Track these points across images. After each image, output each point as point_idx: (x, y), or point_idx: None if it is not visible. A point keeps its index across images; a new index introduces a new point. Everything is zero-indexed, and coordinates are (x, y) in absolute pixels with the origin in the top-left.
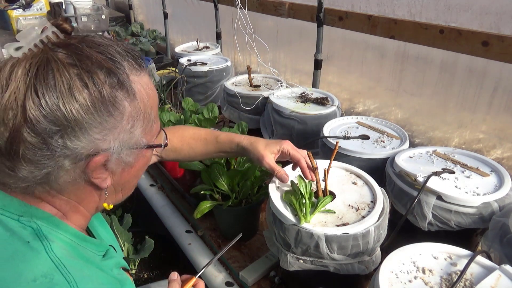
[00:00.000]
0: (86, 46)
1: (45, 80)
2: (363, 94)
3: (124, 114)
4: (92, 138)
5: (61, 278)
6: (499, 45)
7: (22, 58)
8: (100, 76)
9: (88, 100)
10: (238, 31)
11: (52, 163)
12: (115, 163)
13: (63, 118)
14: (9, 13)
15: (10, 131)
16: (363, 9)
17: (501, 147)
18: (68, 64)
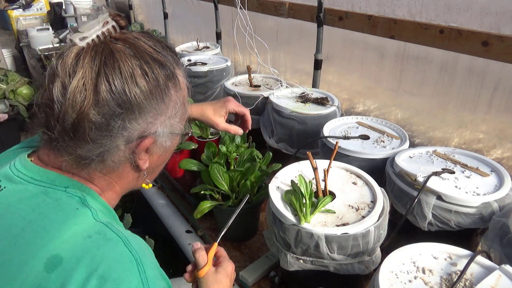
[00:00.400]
0: (140, 41)
1: (113, 68)
2: (363, 94)
3: (171, 101)
4: (146, 121)
5: (112, 234)
6: (499, 45)
7: (87, 48)
8: (156, 67)
9: (147, 87)
10: (238, 31)
11: (109, 143)
12: (157, 147)
13: (127, 102)
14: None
15: (78, 113)
16: (363, 9)
17: (501, 147)
18: (129, 55)
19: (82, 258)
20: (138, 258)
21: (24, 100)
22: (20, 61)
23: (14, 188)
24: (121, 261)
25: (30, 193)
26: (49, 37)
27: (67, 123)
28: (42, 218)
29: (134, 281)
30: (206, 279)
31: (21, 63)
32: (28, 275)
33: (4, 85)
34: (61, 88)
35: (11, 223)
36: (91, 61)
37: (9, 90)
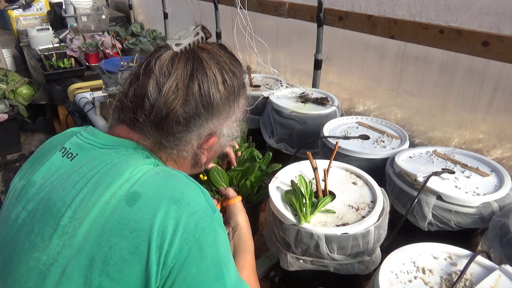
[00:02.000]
0: (220, 53)
1: (203, 74)
2: (363, 94)
3: (239, 107)
4: (218, 122)
5: (174, 171)
6: (499, 45)
7: (181, 53)
8: (232, 76)
9: (225, 92)
10: (238, 31)
11: (185, 137)
12: (217, 145)
13: (210, 104)
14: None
15: (168, 109)
16: (363, 9)
17: (501, 147)
18: (213, 64)
19: (156, 189)
20: (200, 187)
21: (24, 100)
22: (20, 61)
23: (86, 154)
24: (189, 188)
25: (102, 153)
26: (49, 37)
27: (157, 117)
28: (115, 166)
29: (203, 203)
30: (239, 205)
31: (21, 63)
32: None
33: (4, 85)
34: (155, 86)
35: (91, 176)
36: (184, 66)
37: (9, 90)
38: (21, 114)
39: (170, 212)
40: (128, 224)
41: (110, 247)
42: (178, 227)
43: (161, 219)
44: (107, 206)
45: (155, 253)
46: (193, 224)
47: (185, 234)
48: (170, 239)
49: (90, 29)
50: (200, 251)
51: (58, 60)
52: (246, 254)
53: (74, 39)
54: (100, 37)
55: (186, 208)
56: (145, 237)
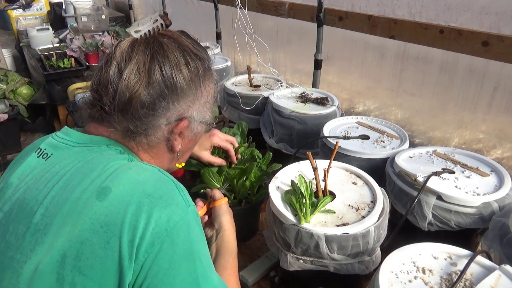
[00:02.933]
0: (182, 38)
1: (163, 56)
2: (363, 94)
3: (206, 90)
4: (186, 105)
5: (147, 166)
6: (499, 45)
7: (140, 39)
8: (195, 59)
9: (189, 74)
10: (238, 31)
11: (153, 121)
12: (189, 131)
13: (174, 85)
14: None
15: (131, 93)
16: (363, 9)
17: (501, 147)
18: (174, 47)
19: (128, 184)
20: (174, 180)
21: (24, 100)
22: (20, 61)
23: (60, 153)
24: (163, 182)
25: (75, 152)
26: (49, 37)
27: (121, 101)
28: (87, 163)
29: (177, 197)
30: (224, 207)
31: (21, 63)
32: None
33: (4, 85)
34: (117, 71)
35: (62, 174)
36: (144, 50)
37: (9, 90)
38: (21, 114)
39: (141, 206)
40: (99, 219)
41: (81, 243)
42: (149, 221)
43: (132, 213)
44: (78, 201)
45: (126, 248)
46: (166, 218)
47: (157, 228)
48: (141, 233)
49: (90, 29)
50: (173, 245)
51: (58, 60)
52: (228, 256)
53: (74, 39)
54: (100, 37)
55: (158, 202)
56: (116, 232)
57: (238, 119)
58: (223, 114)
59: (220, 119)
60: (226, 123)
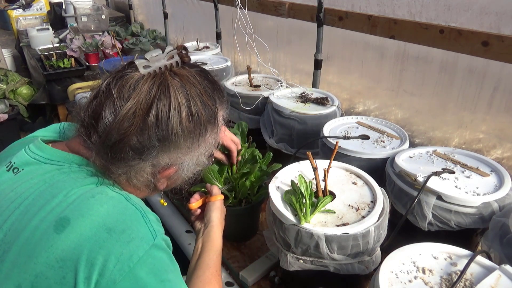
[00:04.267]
0: (196, 80)
1: (165, 104)
2: (363, 94)
3: (205, 142)
4: (176, 156)
5: (113, 193)
6: (499, 45)
7: (147, 77)
8: (202, 109)
9: (188, 128)
10: (238, 31)
11: (137, 165)
12: (178, 175)
13: (167, 138)
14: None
15: (121, 137)
16: (363, 9)
17: (501, 147)
18: (182, 93)
19: (88, 215)
20: (141, 210)
21: (24, 100)
22: (20, 61)
23: (31, 169)
24: (127, 213)
25: (44, 170)
26: (49, 37)
27: (108, 141)
28: (51, 187)
29: (142, 229)
30: (218, 204)
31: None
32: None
33: (4, 85)
34: (112, 108)
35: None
36: (147, 91)
37: (9, 90)
38: (21, 114)
39: (100, 241)
40: (55, 253)
41: (36, 276)
42: (109, 257)
43: (89, 249)
44: (36, 231)
45: (82, 285)
46: (128, 254)
47: (119, 264)
48: (100, 270)
49: (90, 29)
50: (137, 281)
51: (58, 60)
52: (213, 253)
53: (74, 39)
54: (100, 37)
55: (120, 236)
56: (72, 268)
57: (238, 119)
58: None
59: None
60: (226, 123)
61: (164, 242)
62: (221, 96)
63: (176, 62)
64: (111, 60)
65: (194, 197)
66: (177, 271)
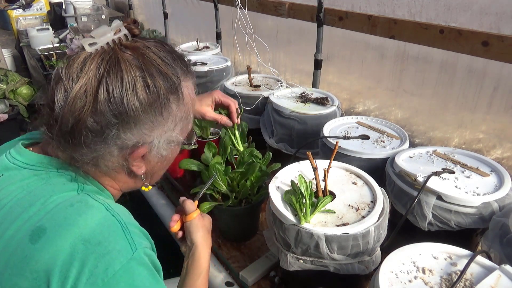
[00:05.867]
0: (150, 51)
1: (115, 78)
2: (363, 94)
3: (171, 114)
4: (141, 132)
5: (94, 201)
6: (499, 45)
7: (95, 54)
8: (159, 80)
9: (147, 100)
10: (238, 31)
11: (103, 149)
12: (153, 155)
13: (124, 113)
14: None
15: (76, 119)
16: (363, 9)
17: (501, 147)
18: (134, 66)
19: (65, 225)
20: (121, 221)
21: (24, 100)
22: (20, 61)
23: (10, 174)
24: (105, 224)
25: (23, 176)
26: (49, 37)
27: (65, 126)
28: (29, 195)
29: (120, 242)
30: (196, 222)
31: (21, 63)
32: (16, 248)
33: (4, 85)
34: (63, 92)
35: (3, 205)
36: (96, 69)
37: (9, 90)
38: (21, 114)
39: (75, 253)
40: (29, 264)
41: (11, 287)
42: (83, 270)
43: (63, 261)
44: (12, 241)
45: None
46: (103, 267)
47: (92, 278)
48: (73, 283)
49: (90, 29)
50: None
51: (58, 60)
52: (196, 277)
53: (74, 39)
54: None
55: (95, 248)
56: (45, 280)
57: None
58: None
59: None
60: None
61: (147, 257)
62: (184, 65)
63: (125, 35)
64: None
65: (173, 219)
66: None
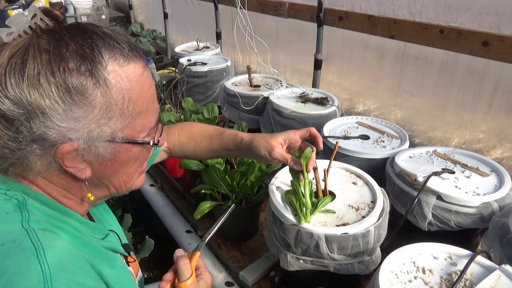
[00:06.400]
0: (68, 33)
1: (16, 65)
2: (363, 94)
3: (95, 105)
4: (55, 125)
5: (29, 244)
6: (499, 45)
7: (9, 44)
8: (70, 63)
9: (53, 87)
10: (238, 31)
11: (21, 146)
12: (90, 155)
13: (26, 102)
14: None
15: None
16: (363, 9)
17: (501, 147)
18: (43, 50)
19: None
20: (47, 273)
21: None
22: None
23: None
24: (26, 276)
25: None
26: None
27: None
28: None
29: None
30: None
31: None
32: None
33: None
34: None
35: None
36: (7, 57)
37: None
38: None
39: None
40: None
41: None
42: None
43: None
44: None
45: None
46: None
47: None
48: None
49: None
50: None
51: None
52: None
53: None
54: None
55: None
56: None
57: (238, 119)
58: (223, 114)
59: (220, 119)
60: (226, 123)
61: None
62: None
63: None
64: None
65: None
66: None
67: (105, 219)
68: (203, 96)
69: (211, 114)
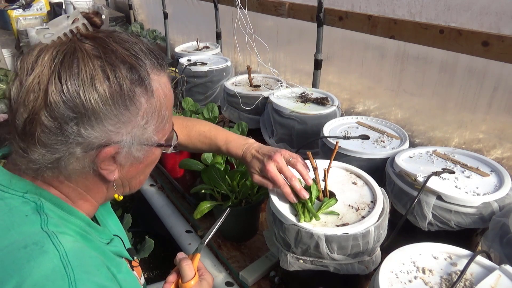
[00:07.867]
0: (112, 40)
1: (70, 68)
2: (363, 94)
3: (140, 109)
4: (105, 129)
5: (51, 246)
6: (499, 45)
7: (51, 45)
8: (122, 70)
9: (108, 92)
10: (238, 31)
11: (64, 149)
12: (124, 157)
13: (81, 106)
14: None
15: (29, 113)
16: (363, 9)
17: (501, 147)
18: (93, 56)
19: (11, 271)
20: (71, 275)
21: None
22: None
23: None
24: (51, 278)
25: None
26: None
27: (19, 123)
28: None
29: None
30: None
31: None
32: None
33: (4, 85)
34: (19, 86)
35: None
36: (51, 60)
37: None
38: None
39: None
40: None
41: None
42: None
43: None
44: None
45: None
46: None
47: None
48: None
49: None
50: None
51: None
52: None
53: None
54: None
55: None
56: None
57: (238, 119)
58: (223, 114)
59: (220, 119)
60: (226, 123)
61: None
62: (154, 59)
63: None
64: None
65: (168, 280)
66: None
67: (108, 223)
68: (203, 96)
69: (211, 114)
